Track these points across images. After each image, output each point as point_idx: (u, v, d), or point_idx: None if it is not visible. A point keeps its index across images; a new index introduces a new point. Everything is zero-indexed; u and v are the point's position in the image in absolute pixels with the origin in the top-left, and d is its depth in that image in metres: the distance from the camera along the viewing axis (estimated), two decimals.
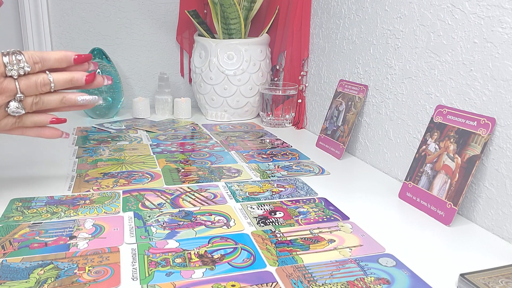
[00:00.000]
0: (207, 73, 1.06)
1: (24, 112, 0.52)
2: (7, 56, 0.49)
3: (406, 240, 0.52)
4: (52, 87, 0.52)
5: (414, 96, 0.68)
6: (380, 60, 0.76)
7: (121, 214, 0.56)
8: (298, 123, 1.06)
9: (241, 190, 0.65)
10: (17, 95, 0.51)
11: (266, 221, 0.55)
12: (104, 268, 0.44)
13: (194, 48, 1.11)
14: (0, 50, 0.50)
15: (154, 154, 0.81)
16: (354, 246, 0.50)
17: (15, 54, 0.49)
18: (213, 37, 1.11)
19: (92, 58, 0.54)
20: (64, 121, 0.57)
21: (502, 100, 0.53)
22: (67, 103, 0.55)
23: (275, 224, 0.55)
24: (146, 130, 0.98)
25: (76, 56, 0.54)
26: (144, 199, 0.61)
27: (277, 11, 1.09)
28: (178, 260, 0.46)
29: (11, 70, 0.49)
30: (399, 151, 0.72)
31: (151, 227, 0.53)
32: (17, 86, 0.50)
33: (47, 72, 0.52)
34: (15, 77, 0.50)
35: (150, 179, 0.68)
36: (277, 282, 0.42)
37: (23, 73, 0.50)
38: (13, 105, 0.51)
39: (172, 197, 0.62)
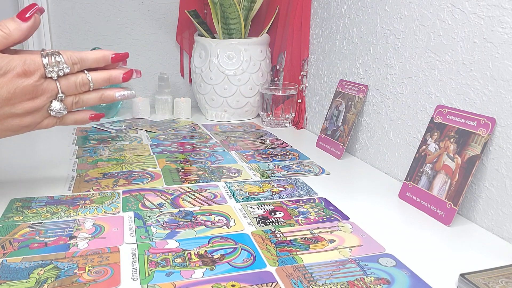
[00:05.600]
0: (207, 73, 1.06)
1: (66, 112, 0.54)
2: (47, 58, 0.49)
3: (406, 240, 0.52)
4: (91, 86, 0.54)
5: (414, 96, 0.68)
6: (380, 60, 0.76)
7: (121, 214, 0.56)
8: (298, 123, 1.06)
9: (241, 190, 0.65)
10: (58, 95, 0.51)
11: (266, 221, 0.55)
12: (104, 268, 0.44)
13: (194, 48, 1.11)
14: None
15: (154, 154, 0.81)
16: (354, 246, 0.50)
17: (54, 55, 0.50)
18: (213, 37, 1.11)
19: (128, 57, 0.57)
20: (103, 115, 0.59)
21: (502, 100, 0.53)
22: (106, 100, 0.56)
23: (275, 224, 0.55)
24: (146, 130, 0.98)
25: (114, 55, 0.55)
26: (144, 199, 0.61)
27: (277, 11, 1.09)
28: (178, 260, 0.46)
29: (51, 71, 0.50)
30: (399, 151, 0.72)
31: (151, 227, 0.53)
32: (58, 86, 0.51)
33: (85, 71, 0.53)
34: (55, 78, 0.51)
35: (150, 179, 0.68)
36: (277, 282, 0.42)
37: (62, 74, 0.51)
38: (55, 105, 0.52)
39: (172, 197, 0.62)
